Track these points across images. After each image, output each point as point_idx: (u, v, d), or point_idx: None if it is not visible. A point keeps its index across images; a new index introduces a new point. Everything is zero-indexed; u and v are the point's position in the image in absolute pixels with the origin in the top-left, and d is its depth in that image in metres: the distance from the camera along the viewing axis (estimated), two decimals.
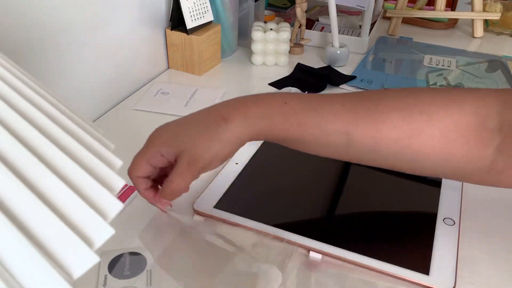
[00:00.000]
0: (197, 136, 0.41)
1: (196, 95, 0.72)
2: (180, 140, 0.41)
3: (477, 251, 0.45)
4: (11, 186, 0.19)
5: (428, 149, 0.40)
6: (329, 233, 0.45)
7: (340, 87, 0.77)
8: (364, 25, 0.90)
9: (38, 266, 0.18)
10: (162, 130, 0.43)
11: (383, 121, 0.40)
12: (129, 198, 0.50)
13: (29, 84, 0.24)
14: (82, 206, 0.21)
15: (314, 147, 0.43)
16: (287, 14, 1.10)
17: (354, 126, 0.41)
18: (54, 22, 0.55)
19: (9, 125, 0.21)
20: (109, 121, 0.65)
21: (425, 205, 0.50)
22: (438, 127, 0.40)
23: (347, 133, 0.41)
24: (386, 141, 0.40)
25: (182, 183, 0.41)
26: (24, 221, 0.19)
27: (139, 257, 0.43)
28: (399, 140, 0.40)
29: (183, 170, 0.41)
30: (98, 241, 0.20)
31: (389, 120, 0.40)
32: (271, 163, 0.56)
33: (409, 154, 0.41)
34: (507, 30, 1.05)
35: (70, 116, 0.25)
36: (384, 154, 0.41)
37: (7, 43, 0.50)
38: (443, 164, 0.41)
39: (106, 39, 0.65)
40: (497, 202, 0.51)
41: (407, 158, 0.41)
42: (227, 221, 0.46)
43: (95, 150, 0.24)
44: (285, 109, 0.42)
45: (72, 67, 0.60)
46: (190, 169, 0.41)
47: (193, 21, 0.75)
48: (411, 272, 0.41)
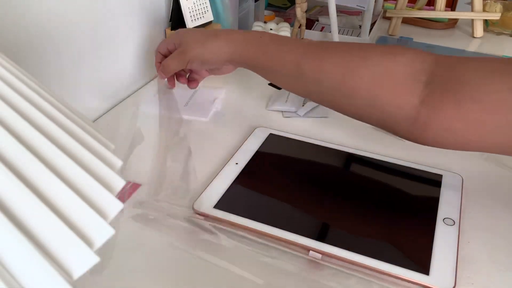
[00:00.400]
0: (193, 39, 0.59)
1: (196, 95, 0.72)
2: (183, 38, 0.60)
3: (477, 251, 0.45)
4: (11, 186, 0.19)
5: (358, 87, 0.46)
6: (329, 233, 0.45)
7: None
8: (364, 25, 0.91)
9: (38, 266, 0.18)
10: (183, 30, 0.64)
11: (327, 58, 0.48)
12: (130, 197, 0.50)
13: (29, 84, 0.24)
14: (82, 206, 0.21)
15: (274, 76, 0.54)
16: (287, 14, 1.10)
17: (304, 59, 0.50)
18: (54, 22, 0.55)
19: (9, 125, 0.21)
20: (109, 121, 0.65)
21: (425, 205, 0.50)
22: (370, 69, 0.45)
23: (298, 64, 0.50)
24: (327, 74, 0.48)
25: (172, 64, 0.61)
26: (24, 221, 0.19)
27: None
28: (337, 75, 0.47)
29: (175, 55, 0.61)
30: (98, 241, 0.20)
31: (332, 58, 0.48)
32: (271, 163, 0.56)
33: (344, 90, 0.47)
34: (507, 30, 1.05)
35: (70, 116, 0.25)
36: (325, 87, 0.49)
37: (7, 43, 0.50)
38: (370, 104, 0.46)
39: (106, 39, 0.65)
40: (497, 202, 0.51)
41: (341, 95, 0.48)
42: (227, 221, 0.46)
43: (95, 150, 0.24)
44: (258, 40, 0.55)
45: (72, 67, 0.60)
46: (180, 56, 0.60)
47: (193, 21, 0.75)
48: (411, 272, 0.41)
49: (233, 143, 0.60)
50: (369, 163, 0.57)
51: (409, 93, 0.43)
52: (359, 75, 0.46)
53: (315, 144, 0.59)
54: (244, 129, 0.63)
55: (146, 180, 0.52)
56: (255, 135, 0.61)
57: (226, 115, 0.67)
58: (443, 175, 0.54)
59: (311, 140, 0.60)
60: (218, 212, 0.47)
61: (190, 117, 0.66)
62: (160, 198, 0.50)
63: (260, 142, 0.59)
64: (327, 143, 0.60)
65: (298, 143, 0.60)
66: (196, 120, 0.65)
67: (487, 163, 0.58)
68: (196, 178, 0.53)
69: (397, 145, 0.61)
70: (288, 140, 0.60)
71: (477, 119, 0.40)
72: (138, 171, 0.54)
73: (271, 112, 0.68)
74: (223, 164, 0.55)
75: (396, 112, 0.44)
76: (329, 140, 0.60)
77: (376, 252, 0.43)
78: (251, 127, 0.63)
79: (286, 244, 0.44)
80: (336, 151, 0.58)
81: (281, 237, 0.44)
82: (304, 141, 0.60)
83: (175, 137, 0.62)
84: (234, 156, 0.56)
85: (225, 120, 0.66)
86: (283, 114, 0.68)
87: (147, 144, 0.60)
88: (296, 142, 0.60)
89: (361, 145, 0.60)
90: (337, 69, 0.47)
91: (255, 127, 0.63)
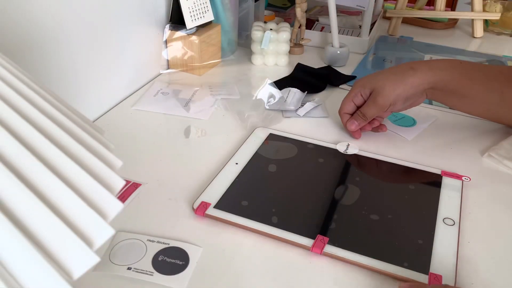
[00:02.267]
0: (387, 80, 0.56)
1: (196, 95, 0.72)
2: (374, 82, 0.57)
3: (477, 251, 0.45)
4: (11, 186, 0.19)
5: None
6: (329, 233, 0.45)
7: (340, 87, 0.77)
8: (364, 25, 0.91)
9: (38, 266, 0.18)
10: (362, 78, 0.60)
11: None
12: (129, 198, 0.50)
13: (29, 84, 0.24)
14: (82, 206, 0.21)
15: (471, 102, 0.56)
16: (287, 14, 1.10)
17: (508, 88, 0.54)
18: (54, 22, 0.55)
19: (9, 125, 0.21)
20: (109, 121, 0.65)
21: (425, 205, 0.50)
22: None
23: (502, 92, 0.54)
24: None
25: (370, 113, 0.58)
26: (24, 221, 0.19)
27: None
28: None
29: (371, 103, 0.57)
30: (98, 241, 0.20)
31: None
32: (271, 163, 0.56)
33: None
34: (507, 30, 1.06)
35: (70, 116, 0.25)
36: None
37: (7, 43, 0.50)
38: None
39: (106, 39, 0.65)
40: (497, 202, 0.51)
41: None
42: (226, 221, 0.46)
43: (95, 150, 0.24)
44: (462, 67, 0.55)
45: (72, 67, 0.60)
46: (376, 103, 0.56)
47: (193, 21, 0.75)
48: (411, 272, 0.41)
49: (233, 143, 0.60)
50: (369, 163, 0.57)
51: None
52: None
53: (315, 144, 0.59)
54: (244, 129, 0.63)
55: (146, 180, 0.52)
56: (255, 135, 0.61)
57: (226, 115, 0.67)
58: (443, 175, 0.54)
59: (311, 140, 0.60)
60: (218, 212, 0.47)
61: (190, 117, 0.66)
62: (160, 198, 0.50)
63: (260, 142, 0.59)
64: (327, 143, 0.60)
65: (298, 143, 0.60)
66: (196, 120, 0.65)
67: (487, 163, 0.58)
68: (196, 178, 0.53)
69: (397, 145, 0.61)
70: (288, 140, 0.60)
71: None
72: (138, 171, 0.54)
73: (271, 112, 0.68)
74: (223, 164, 0.55)
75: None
76: (329, 140, 0.60)
77: (376, 251, 0.43)
78: (251, 127, 0.63)
79: (286, 244, 0.44)
80: (336, 151, 0.58)
81: (281, 237, 0.44)
82: (304, 141, 0.60)
83: (175, 137, 0.62)
84: (234, 156, 0.56)
85: (225, 120, 0.66)
86: (283, 114, 0.68)
87: (147, 144, 0.60)
88: (296, 142, 0.60)
89: (362, 145, 0.60)
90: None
91: (255, 127, 0.63)
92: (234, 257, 0.43)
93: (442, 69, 0.54)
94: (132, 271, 0.41)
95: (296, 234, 0.44)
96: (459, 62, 0.55)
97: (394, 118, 0.67)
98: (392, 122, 0.66)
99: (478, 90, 0.54)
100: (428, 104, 0.72)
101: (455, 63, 0.55)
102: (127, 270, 0.41)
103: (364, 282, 0.41)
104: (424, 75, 0.54)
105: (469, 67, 0.55)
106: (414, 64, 0.56)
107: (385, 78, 0.56)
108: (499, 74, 0.55)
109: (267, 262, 0.43)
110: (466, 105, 0.56)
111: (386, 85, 0.55)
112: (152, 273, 0.41)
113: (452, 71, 0.54)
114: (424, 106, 0.72)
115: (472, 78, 0.54)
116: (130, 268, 0.41)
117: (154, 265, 0.42)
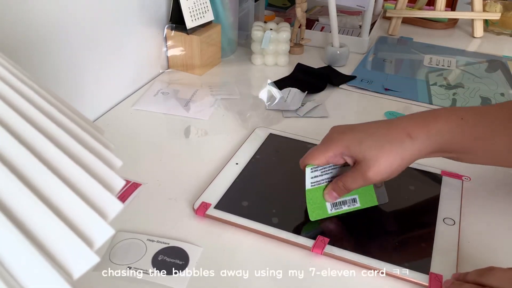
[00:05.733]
0: (381, 149, 0.44)
1: (196, 95, 0.72)
2: (364, 149, 0.44)
3: (477, 251, 0.45)
4: (11, 186, 0.19)
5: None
6: (329, 233, 0.45)
7: (340, 87, 0.77)
8: (364, 25, 0.90)
9: (38, 266, 0.18)
10: (345, 134, 0.46)
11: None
12: (130, 197, 0.50)
13: (29, 84, 0.24)
14: (82, 206, 0.21)
15: (481, 157, 0.48)
16: (287, 14, 1.10)
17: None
18: (54, 22, 0.55)
19: (9, 125, 0.21)
20: (109, 121, 0.65)
21: (425, 205, 0.50)
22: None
23: (510, 143, 0.45)
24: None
25: (355, 187, 0.46)
26: (24, 221, 0.19)
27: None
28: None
29: (359, 176, 0.44)
30: (98, 241, 0.20)
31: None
32: (271, 163, 0.56)
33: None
34: (507, 30, 1.05)
35: (70, 116, 0.25)
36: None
37: (7, 43, 0.50)
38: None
39: (106, 38, 0.65)
40: (497, 202, 0.51)
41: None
42: (227, 221, 0.46)
43: (95, 150, 0.24)
44: (462, 125, 0.45)
45: (71, 67, 0.60)
46: (366, 177, 0.44)
47: (193, 21, 0.75)
48: (411, 272, 0.41)
49: (233, 143, 0.60)
50: None
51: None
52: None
53: (315, 144, 0.59)
54: (244, 129, 0.63)
55: (146, 180, 0.52)
56: (255, 135, 0.61)
57: (226, 115, 0.67)
58: (443, 175, 0.54)
59: (311, 140, 0.60)
60: (218, 213, 0.47)
61: (190, 117, 0.66)
62: (160, 198, 0.50)
63: (260, 142, 0.59)
64: None
65: (298, 143, 0.60)
66: (196, 120, 0.65)
67: None
68: (196, 178, 0.53)
69: None
70: (288, 140, 0.60)
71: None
72: (138, 171, 0.54)
73: (271, 112, 0.68)
74: (223, 164, 0.55)
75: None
76: None
77: (376, 252, 0.43)
78: (251, 127, 0.63)
79: (287, 244, 0.44)
80: None
81: (282, 237, 0.44)
82: (304, 141, 0.60)
83: (175, 137, 0.62)
84: (234, 156, 0.56)
85: (225, 120, 0.66)
86: (283, 114, 0.68)
87: (147, 144, 0.60)
88: (296, 142, 0.60)
89: None
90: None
91: (255, 127, 0.63)
92: (234, 257, 0.43)
93: (443, 133, 0.45)
94: (132, 270, 0.41)
95: (297, 235, 0.44)
96: (460, 118, 0.46)
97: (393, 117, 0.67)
98: None
99: (482, 147, 0.46)
100: (428, 104, 0.72)
101: (456, 122, 0.45)
102: (127, 270, 0.41)
103: (364, 282, 0.41)
104: (422, 145, 0.44)
105: (472, 124, 0.46)
106: (411, 129, 0.45)
107: (379, 146, 0.44)
108: (508, 123, 0.46)
109: (267, 262, 0.43)
110: (469, 159, 0.48)
111: (381, 157, 0.44)
112: (152, 272, 0.41)
113: (453, 134, 0.45)
114: (424, 106, 0.72)
115: (476, 137, 0.46)
116: (130, 267, 0.41)
117: (154, 264, 0.42)
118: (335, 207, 0.47)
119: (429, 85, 0.79)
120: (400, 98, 0.74)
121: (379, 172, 0.44)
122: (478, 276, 0.37)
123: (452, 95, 0.76)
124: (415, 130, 0.45)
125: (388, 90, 0.76)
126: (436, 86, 0.78)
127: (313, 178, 0.47)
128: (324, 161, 0.46)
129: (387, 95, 0.75)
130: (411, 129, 0.45)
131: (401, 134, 0.45)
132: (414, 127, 0.45)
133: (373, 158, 0.44)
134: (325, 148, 0.46)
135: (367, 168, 0.44)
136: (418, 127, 0.45)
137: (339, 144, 0.46)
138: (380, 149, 0.44)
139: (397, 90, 0.76)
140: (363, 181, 0.45)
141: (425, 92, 0.76)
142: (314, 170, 0.46)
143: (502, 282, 0.36)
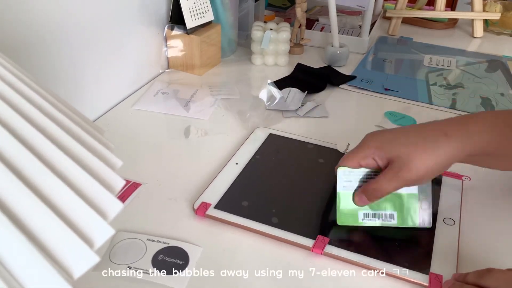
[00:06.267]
0: (414, 146, 0.42)
1: (196, 95, 0.72)
2: (396, 147, 0.43)
3: (477, 251, 0.45)
4: (11, 186, 0.19)
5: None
6: (329, 233, 0.45)
7: (340, 87, 0.77)
8: (364, 25, 0.91)
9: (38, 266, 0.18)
10: (378, 135, 0.45)
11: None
12: (130, 197, 0.50)
13: (29, 83, 0.24)
14: (82, 206, 0.21)
15: (508, 161, 0.45)
16: (287, 14, 1.10)
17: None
18: (54, 22, 0.55)
19: (9, 125, 0.21)
20: (109, 121, 0.65)
21: None
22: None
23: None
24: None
25: (388, 189, 0.43)
26: (24, 221, 0.19)
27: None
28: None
29: (391, 176, 0.42)
30: (98, 241, 0.20)
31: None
32: (271, 163, 0.56)
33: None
34: (507, 30, 1.06)
35: (70, 116, 0.25)
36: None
37: (7, 43, 0.50)
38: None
39: (106, 38, 0.65)
40: (497, 202, 0.51)
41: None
42: (227, 221, 0.46)
43: (95, 150, 0.24)
44: (497, 123, 0.43)
45: (71, 67, 0.60)
46: (399, 176, 0.42)
47: (193, 21, 0.75)
48: (411, 272, 0.41)
49: (233, 143, 0.60)
50: None
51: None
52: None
53: (315, 144, 0.59)
54: (244, 129, 0.63)
55: (146, 180, 0.52)
56: (255, 135, 0.61)
57: (226, 115, 0.67)
58: (443, 175, 0.54)
59: (311, 140, 0.60)
60: (218, 213, 0.47)
61: (190, 117, 0.66)
62: (160, 198, 0.50)
63: (260, 142, 0.59)
64: (327, 143, 0.59)
65: (298, 143, 0.60)
66: (196, 120, 0.65)
67: None
68: (196, 178, 0.53)
69: None
70: (288, 140, 0.60)
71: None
72: (138, 171, 0.54)
73: (271, 112, 0.68)
74: (223, 164, 0.55)
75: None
76: (329, 140, 0.60)
77: (376, 252, 0.43)
78: (251, 127, 0.63)
79: (287, 244, 0.44)
80: (336, 151, 0.58)
81: (282, 237, 0.44)
82: (304, 141, 0.60)
83: (175, 137, 0.62)
84: (234, 156, 0.56)
85: (225, 120, 0.66)
86: (283, 114, 0.68)
87: (147, 144, 0.60)
88: (296, 142, 0.60)
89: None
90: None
91: (255, 127, 0.63)
92: (234, 257, 0.43)
93: (481, 132, 0.43)
94: (132, 270, 0.41)
95: (297, 235, 0.44)
96: (495, 117, 0.44)
97: (394, 118, 0.67)
98: (392, 122, 0.66)
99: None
100: (428, 104, 0.72)
101: (493, 122, 0.44)
102: (127, 270, 0.41)
103: (364, 282, 0.41)
104: (460, 144, 0.42)
105: (509, 123, 0.44)
106: (448, 127, 0.43)
107: (412, 143, 0.42)
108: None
109: (267, 262, 0.43)
110: (501, 164, 0.46)
111: (414, 154, 0.41)
112: (152, 272, 0.41)
113: (491, 133, 0.43)
114: (424, 106, 0.72)
115: (509, 137, 0.43)
116: (130, 267, 0.41)
117: (154, 264, 0.42)
118: (367, 218, 0.45)
119: (429, 85, 0.79)
120: (400, 98, 0.74)
121: (413, 171, 0.41)
122: (478, 278, 0.37)
123: (452, 95, 0.76)
124: (452, 129, 0.43)
125: (388, 90, 0.76)
126: (436, 86, 0.78)
127: (346, 182, 0.45)
128: (355, 162, 0.45)
129: (387, 95, 0.75)
130: (448, 128, 0.43)
131: (436, 132, 0.43)
132: (451, 126, 0.43)
133: (406, 156, 0.42)
134: (356, 150, 0.46)
135: (401, 167, 0.42)
136: (454, 127, 0.43)
137: (371, 145, 0.45)
138: (413, 146, 0.42)
139: (397, 90, 0.76)
140: (397, 182, 0.42)
141: (425, 92, 0.76)
142: (347, 173, 0.45)
143: (500, 283, 0.36)
